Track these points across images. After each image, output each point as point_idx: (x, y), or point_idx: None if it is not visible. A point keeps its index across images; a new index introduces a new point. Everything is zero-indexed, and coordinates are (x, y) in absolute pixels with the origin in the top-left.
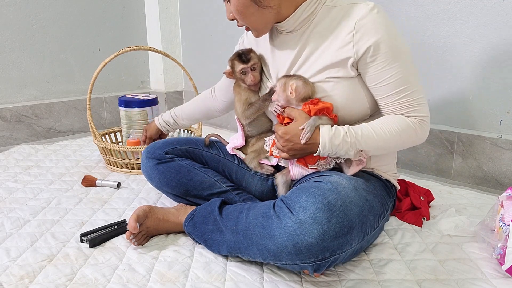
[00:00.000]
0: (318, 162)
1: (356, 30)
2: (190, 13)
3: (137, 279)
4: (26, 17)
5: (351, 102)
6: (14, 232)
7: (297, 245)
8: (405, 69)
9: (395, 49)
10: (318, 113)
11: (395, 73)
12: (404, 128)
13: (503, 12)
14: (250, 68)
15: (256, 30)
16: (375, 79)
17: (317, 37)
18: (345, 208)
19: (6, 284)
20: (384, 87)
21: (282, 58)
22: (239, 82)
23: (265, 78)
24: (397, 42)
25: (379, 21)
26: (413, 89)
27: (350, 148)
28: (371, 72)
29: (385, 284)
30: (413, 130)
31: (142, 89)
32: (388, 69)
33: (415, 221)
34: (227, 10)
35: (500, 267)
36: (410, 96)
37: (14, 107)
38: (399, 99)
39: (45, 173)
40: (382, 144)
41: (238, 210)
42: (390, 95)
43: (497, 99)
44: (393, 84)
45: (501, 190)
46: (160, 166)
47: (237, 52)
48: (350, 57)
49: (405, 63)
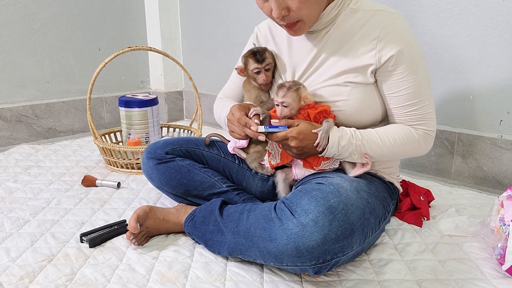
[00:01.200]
0: (323, 163)
1: (380, 38)
2: (190, 13)
3: (137, 279)
4: (26, 17)
5: (365, 107)
6: (14, 232)
7: (299, 248)
8: (421, 83)
9: (414, 62)
10: (318, 116)
11: (411, 85)
12: (409, 139)
13: (503, 12)
14: (264, 68)
15: (308, 23)
16: (391, 88)
17: (338, 39)
18: (346, 211)
19: (6, 284)
20: (398, 97)
21: (300, 56)
22: (250, 80)
23: (277, 76)
24: (417, 55)
25: (403, 31)
26: (425, 103)
27: (354, 151)
28: (389, 81)
29: (385, 284)
30: (417, 142)
31: (142, 89)
32: (405, 80)
33: (415, 221)
34: (278, 7)
35: (500, 267)
36: (421, 110)
37: (14, 107)
38: (411, 111)
39: (45, 173)
40: (386, 151)
41: (239, 211)
42: (403, 106)
43: (497, 99)
44: (407, 96)
45: (501, 190)
46: (160, 166)
47: (251, 50)
48: (372, 64)
49: (421, 76)
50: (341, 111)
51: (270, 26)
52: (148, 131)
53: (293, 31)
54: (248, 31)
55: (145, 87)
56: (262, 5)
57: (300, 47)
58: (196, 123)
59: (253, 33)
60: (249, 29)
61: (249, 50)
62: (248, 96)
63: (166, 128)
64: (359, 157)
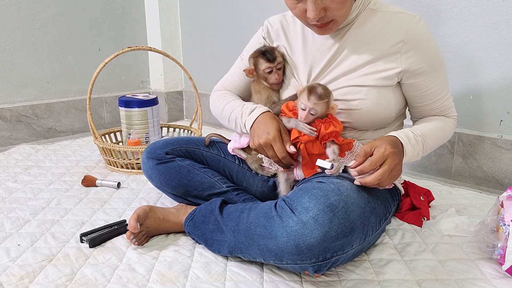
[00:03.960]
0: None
1: (405, 41)
2: (190, 13)
3: (137, 279)
4: (26, 17)
5: (382, 107)
6: (14, 232)
7: (299, 246)
8: (445, 77)
9: (438, 61)
10: (326, 137)
11: (439, 81)
12: (448, 128)
13: (503, 12)
14: (275, 67)
15: (340, 22)
16: (421, 87)
17: (359, 38)
18: (347, 209)
19: (6, 284)
20: (430, 94)
21: (318, 54)
22: (260, 80)
23: (290, 75)
24: (439, 55)
25: (426, 34)
26: (449, 93)
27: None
28: (418, 82)
29: (385, 284)
30: (452, 129)
31: (142, 89)
32: (433, 79)
33: (415, 221)
34: (316, 7)
35: (500, 267)
36: (449, 99)
37: (14, 107)
38: (443, 102)
39: (45, 173)
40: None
41: (239, 210)
42: (437, 100)
43: (497, 99)
44: (437, 92)
45: (501, 190)
46: (160, 166)
47: (260, 50)
48: (397, 67)
49: (443, 71)
50: (357, 110)
51: (282, 22)
52: (148, 131)
53: (324, 30)
54: (248, 31)
55: (145, 87)
56: (293, 5)
57: (318, 44)
58: (196, 123)
59: (263, 26)
60: (249, 29)
61: (256, 50)
62: (258, 97)
63: (166, 128)
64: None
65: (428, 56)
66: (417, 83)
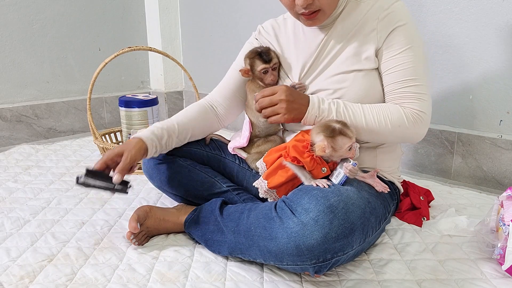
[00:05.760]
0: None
1: (380, 18)
2: (190, 13)
3: (137, 279)
4: (26, 17)
5: (368, 95)
6: (14, 232)
7: (299, 247)
8: (417, 61)
9: (412, 39)
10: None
11: (407, 61)
12: (395, 117)
13: (503, 12)
14: (271, 67)
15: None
16: (388, 65)
17: (343, 29)
18: (347, 210)
19: (6, 284)
20: (393, 74)
21: (309, 50)
22: (255, 81)
23: (283, 75)
24: (415, 34)
25: (402, 10)
26: (418, 83)
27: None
28: (386, 57)
29: (385, 284)
30: (404, 121)
31: (142, 89)
32: (401, 57)
33: (415, 221)
34: None
35: (500, 267)
36: (414, 88)
37: (14, 107)
38: (402, 88)
39: (45, 173)
40: (370, 126)
41: (239, 211)
42: (396, 82)
43: (497, 99)
44: (402, 72)
45: (501, 190)
46: (161, 166)
47: (255, 50)
48: (374, 45)
49: (418, 55)
50: (343, 99)
51: (274, 26)
52: None
53: (312, 20)
54: (248, 31)
55: (145, 87)
56: None
57: (308, 40)
58: None
59: (255, 31)
60: (250, 29)
61: (251, 51)
62: (252, 97)
63: None
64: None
65: (401, 29)
66: (386, 57)
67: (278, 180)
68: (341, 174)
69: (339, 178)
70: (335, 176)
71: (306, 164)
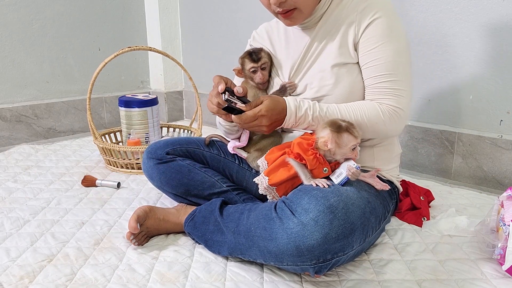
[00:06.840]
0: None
1: (359, 11)
2: (190, 13)
3: (137, 279)
4: (26, 17)
5: (355, 89)
6: (14, 232)
7: (299, 247)
8: (397, 56)
9: (392, 30)
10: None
11: (386, 55)
12: (371, 114)
13: (503, 12)
14: (260, 67)
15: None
16: (365, 59)
17: (327, 28)
18: (347, 210)
19: (6, 284)
20: (370, 68)
21: (297, 51)
22: (248, 80)
23: (274, 75)
24: (394, 26)
25: (382, 2)
26: (397, 78)
27: (312, 122)
28: (363, 50)
29: (385, 284)
30: (380, 118)
31: (142, 89)
32: (378, 51)
33: (415, 221)
34: None
35: (500, 267)
36: (391, 84)
37: (14, 107)
38: (379, 83)
39: (45, 173)
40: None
41: (239, 211)
42: (372, 77)
43: (497, 99)
44: (379, 67)
45: (501, 190)
46: (161, 166)
47: (248, 51)
48: (352, 37)
49: (398, 50)
50: (329, 96)
51: (267, 29)
52: (148, 131)
53: (289, 19)
54: (248, 31)
55: (145, 87)
56: None
57: (297, 40)
58: (196, 123)
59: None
60: (249, 29)
61: (245, 51)
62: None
63: (166, 128)
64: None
65: (379, 21)
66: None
67: (279, 178)
68: (343, 175)
69: (340, 178)
70: (336, 176)
71: (308, 162)
